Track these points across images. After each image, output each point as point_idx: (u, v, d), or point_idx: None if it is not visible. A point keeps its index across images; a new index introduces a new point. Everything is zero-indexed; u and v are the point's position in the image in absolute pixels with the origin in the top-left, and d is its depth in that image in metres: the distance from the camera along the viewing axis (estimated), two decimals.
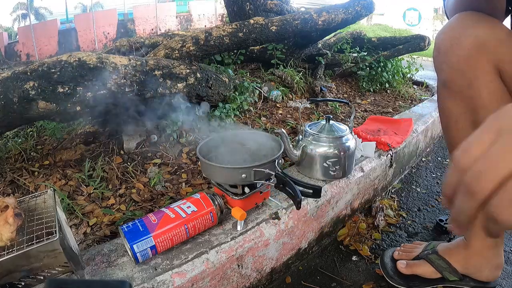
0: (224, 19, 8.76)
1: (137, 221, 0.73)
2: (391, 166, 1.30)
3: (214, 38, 1.48)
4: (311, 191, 0.75)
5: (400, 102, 2.20)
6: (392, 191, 1.39)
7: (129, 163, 1.25)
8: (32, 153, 1.36)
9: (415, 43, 2.39)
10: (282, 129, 0.99)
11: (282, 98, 1.92)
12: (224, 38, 1.50)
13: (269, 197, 0.90)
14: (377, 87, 2.44)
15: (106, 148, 1.35)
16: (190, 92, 1.37)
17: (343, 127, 1.04)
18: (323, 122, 1.04)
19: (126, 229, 0.71)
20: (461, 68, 0.69)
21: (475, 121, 0.74)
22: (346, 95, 2.33)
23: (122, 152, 1.32)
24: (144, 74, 1.22)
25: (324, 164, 0.99)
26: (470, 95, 0.71)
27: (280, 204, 0.91)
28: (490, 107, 0.69)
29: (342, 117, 1.80)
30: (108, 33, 10.24)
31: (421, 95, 2.43)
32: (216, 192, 0.87)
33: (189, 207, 0.77)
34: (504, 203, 0.27)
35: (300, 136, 1.06)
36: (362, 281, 0.95)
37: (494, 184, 0.27)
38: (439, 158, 1.73)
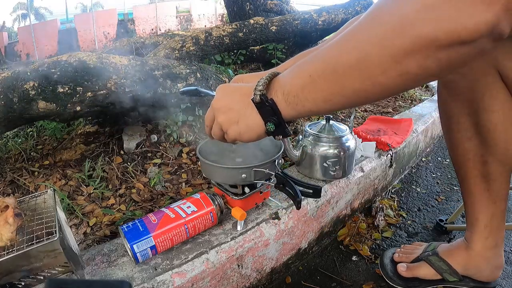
0: (224, 19, 8.75)
1: (137, 221, 0.73)
2: (391, 166, 1.30)
3: (214, 38, 1.49)
4: (311, 191, 0.75)
5: (400, 102, 2.20)
6: (392, 191, 1.39)
7: (129, 163, 1.25)
8: (32, 153, 1.36)
9: None
10: None
11: None
12: (224, 38, 1.50)
13: (269, 197, 0.90)
14: None
15: (106, 148, 1.35)
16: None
17: (343, 127, 1.04)
18: (323, 122, 1.04)
19: (126, 229, 0.71)
20: (462, 70, 0.69)
21: (476, 123, 0.73)
22: None
23: (122, 152, 1.32)
24: (144, 74, 1.22)
25: (324, 164, 0.99)
26: (472, 97, 0.71)
27: (280, 204, 0.91)
28: (491, 109, 0.69)
29: (342, 117, 1.80)
30: (108, 33, 10.24)
31: (421, 95, 2.43)
32: (216, 192, 0.86)
33: (189, 207, 0.77)
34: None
35: (300, 136, 1.06)
36: (362, 281, 0.95)
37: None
38: (439, 158, 1.73)
